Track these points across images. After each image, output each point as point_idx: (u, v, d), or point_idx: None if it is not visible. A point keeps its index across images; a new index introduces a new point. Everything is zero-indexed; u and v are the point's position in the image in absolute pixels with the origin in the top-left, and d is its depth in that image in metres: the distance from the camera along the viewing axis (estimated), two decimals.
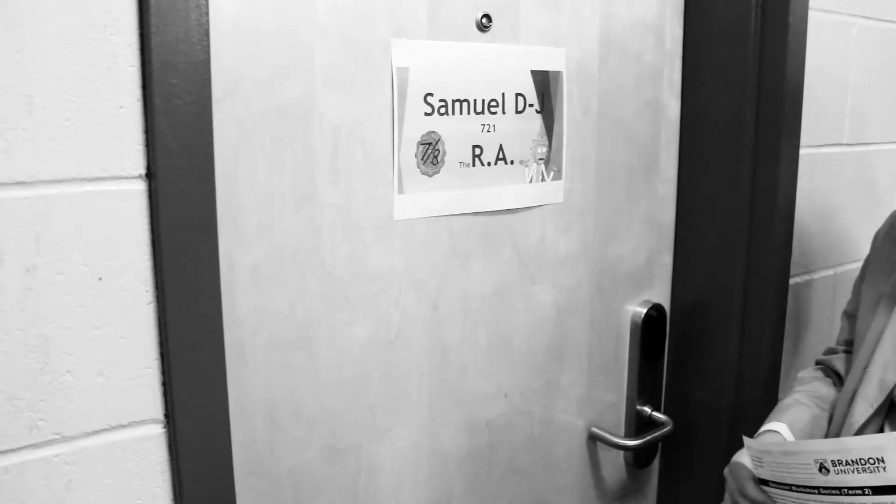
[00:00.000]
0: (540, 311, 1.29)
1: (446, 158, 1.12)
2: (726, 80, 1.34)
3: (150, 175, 0.80)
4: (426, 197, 1.11)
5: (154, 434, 0.84)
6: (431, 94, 1.08)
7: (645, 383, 1.44)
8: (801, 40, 1.32)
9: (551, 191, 1.25)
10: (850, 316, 1.20)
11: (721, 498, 1.12)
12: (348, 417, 1.09)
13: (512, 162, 1.19)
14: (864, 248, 1.19)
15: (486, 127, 1.15)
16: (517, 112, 1.18)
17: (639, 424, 1.45)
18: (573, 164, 1.27)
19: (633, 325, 1.41)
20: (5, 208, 0.73)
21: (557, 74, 1.21)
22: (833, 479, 0.85)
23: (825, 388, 1.17)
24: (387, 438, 1.14)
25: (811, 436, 1.10)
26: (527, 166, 1.21)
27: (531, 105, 1.19)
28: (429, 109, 1.09)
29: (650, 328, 1.41)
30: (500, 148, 1.17)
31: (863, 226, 1.60)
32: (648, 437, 1.39)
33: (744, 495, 0.99)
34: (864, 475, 0.83)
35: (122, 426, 0.82)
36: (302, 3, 0.97)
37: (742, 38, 1.31)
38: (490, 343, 1.23)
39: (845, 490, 0.85)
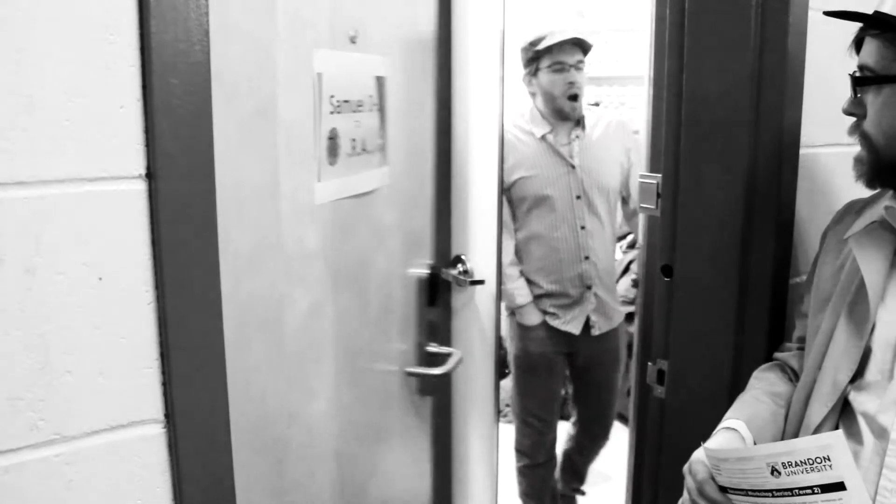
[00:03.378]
0: (380, 274, 1.52)
1: (340, 151, 1.32)
2: (727, 79, 1.34)
3: (150, 175, 0.80)
4: (332, 184, 1.31)
5: (154, 434, 0.84)
6: (333, 96, 1.28)
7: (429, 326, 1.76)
8: (801, 40, 1.32)
9: (385, 174, 1.49)
10: (804, 314, 1.21)
11: None
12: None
13: (369, 152, 1.42)
14: None
15: (357, 123, 1.37)
16: (369, 110, 1.42)
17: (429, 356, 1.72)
18: (394, 153, 1.49)
19: (419, 282, 1.70)
20: (5, 208, 0.73)
21: (384, 79, 1.46)
22: (785, 481, 0.87)
23: (782, 385, 1.18)
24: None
25: (769, 432, 1.11)
26: (374, 155, 1.44)
27: (375, 104, 1.43)
28: (332, 109, 1.28)
29: (430, 284, 1.73)
30: (363, 141, 1.40)
31: None
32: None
33: (703, 495, 0.99)
34: (812, 475, 0.85)
35: (122, 426, 0.82)
36: (264, 12, 1.08)
37: (742, 37, 1.31)
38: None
39: (796, 491, 0.87)
